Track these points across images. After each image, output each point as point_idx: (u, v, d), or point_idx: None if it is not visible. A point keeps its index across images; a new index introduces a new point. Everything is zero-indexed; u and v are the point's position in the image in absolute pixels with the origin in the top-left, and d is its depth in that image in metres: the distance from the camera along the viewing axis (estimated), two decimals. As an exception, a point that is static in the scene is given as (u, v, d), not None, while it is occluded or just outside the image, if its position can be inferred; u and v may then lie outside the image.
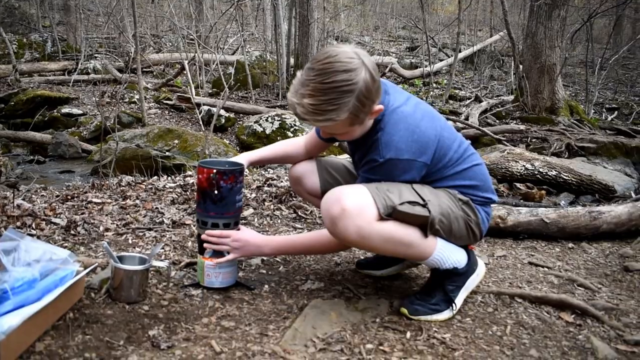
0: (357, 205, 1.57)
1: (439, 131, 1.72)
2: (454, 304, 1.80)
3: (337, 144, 2.63)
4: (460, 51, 12.00)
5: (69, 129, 7.70)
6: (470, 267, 1.84)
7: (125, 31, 10.92)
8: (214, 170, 1.79)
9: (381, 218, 1.59)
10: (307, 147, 2.12)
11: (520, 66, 8.88)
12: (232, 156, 5.87)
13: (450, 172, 1.77)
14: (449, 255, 1.77)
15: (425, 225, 1.65)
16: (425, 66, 11.88)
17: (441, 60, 13.32)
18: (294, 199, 3.04)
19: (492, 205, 1.94)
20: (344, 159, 2.19)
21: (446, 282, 1.81)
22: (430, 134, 1.69)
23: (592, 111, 9.71)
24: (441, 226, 1.68)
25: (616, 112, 10.39)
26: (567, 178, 4.40)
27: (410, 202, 1.62)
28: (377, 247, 1.66)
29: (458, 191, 1.77)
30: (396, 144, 1.63)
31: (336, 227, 1.59)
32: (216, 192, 1.80)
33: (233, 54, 11.58)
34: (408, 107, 1.71)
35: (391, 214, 1.60)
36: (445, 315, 1.79)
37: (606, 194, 4.34)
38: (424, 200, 1.65)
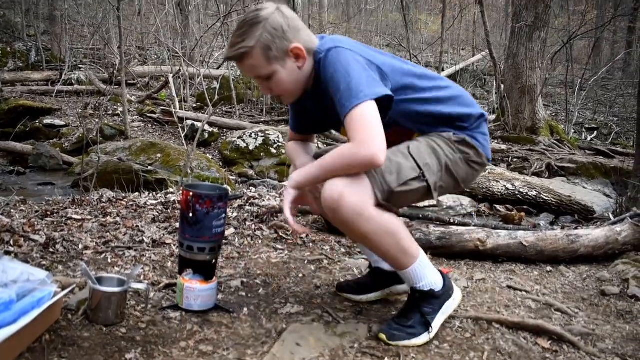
0: (354, 194, 1.61)
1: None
2: (431, 327, 1.80)
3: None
4: (443, 70, 12.14)
5: (51, 140, 7.61)
6: (446, 291, 1.85)
7: (111, 43, 10.89)
8: (191, 193, 1.81)
9: (379, 204, 1.65)
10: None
11: (502, 86, 9.02)
12: (215, 171, 5.92)
13: (434, 95, 1.83)
14: (426, 273, 1.79)
15: (426, 193, 1.75)
16: (409, 84, 11.96)
17: (425, 78, 13.43)
18: (275, 218, 3.04)
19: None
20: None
21: (423, 304, 1.82)
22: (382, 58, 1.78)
23: (572, 131, 9.89)
24: (443, 184, 1.79)
25: (595, 132, 10.58)
26: (547, 198, 4.47)
27: (407, 181, 1.69)
28: (369, 237, 1.69)
29: (453, 131, 1.83)
30: (333, 40, 1.73)
31: (335, 213, 1.63)
32: (191, 215, 1.82)
33: (218, 68, 11.59)
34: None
35: (389, 198, 1.66)
36: (423, 339, 1.79)
37: (585, 215, 4.41)
38: (420, 168, 1.71)
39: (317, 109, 1.91)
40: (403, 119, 1.82)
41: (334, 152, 1.68)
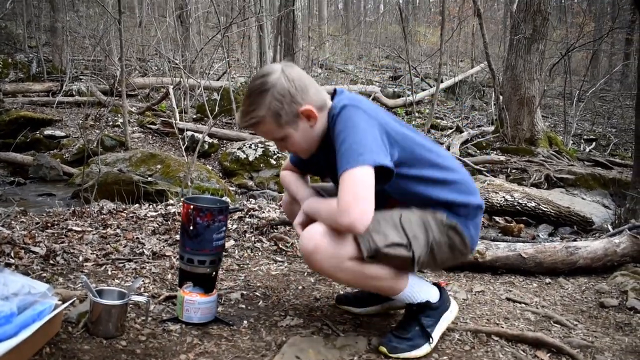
0: (334, 245, 1.62)
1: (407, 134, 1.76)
2: (431, 338, 1.81)
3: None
4: (442, 81, 12.21)
5: (51, 151, 7.64)
6: (443, 303, 1.88)
7: (112, 54, 10.94)
8: (192, 207, 1.83)
9: (361, 258, 1.63)
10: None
11: (501, 97, 9.06)
12: (215, 182, 5.93)
13: (438, 175, 1.77)
14: (419, 290, 1.82)
15: (408, 263, 1.69)
16: (408, 95, 12.05)
17: (423, 90, 13.53)
18: (275, 230, 3.05)
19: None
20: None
21: (421, 316, 1.83)
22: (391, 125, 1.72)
23: (571, 142, 9.91)
24: (424, 260, 1.73)
25: (594, 144, 10.61)
26: (546, 209, 4.47)
27: (394, 245, 1.65)
28: (349, 282, 1.76)
29: (447, 213, 1.77)
30: (349, 97, 1.70)
31: (313, 255, 1.64)
32: (192, 227, 1.83)
33: (218, 79, 11.65)
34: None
35: (374, 255, 1.64)
36: (423, 350, 1.80)
37: (584, 226, 4.41)
38: (408, 238, 1.67)
39: (324, 160, 1.86)
40: (401, 197, 1.78)
41: (330, 203, 1.66)
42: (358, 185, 1.56)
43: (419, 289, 1.82)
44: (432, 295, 1.85)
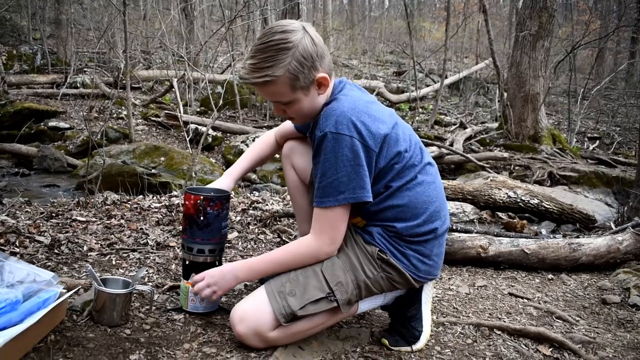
0: (254, 326, 1.63)
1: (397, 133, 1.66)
2: (418, 332, 1.80)
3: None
4: (446, 77, 12.18)
5: (55, 143, 7.66)
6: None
7: (116, 47, 10.94)
8: (201, 197, 1.82)
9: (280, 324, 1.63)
10: (279, 140, 2.08)
11: (505, 94, 9.04)
12: (218, 175, 5.93)
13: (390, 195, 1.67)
14: (375, 300, 1.78)
15: (336, 309, 1.66)
16: (412, 91, 12.02)
17: (427, 86, 13.51)
18: (278, 222, 3.05)
19: (445, 232, 1.79)
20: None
21: (403, 310, 1.82)
22: (382, 125, 1.61)
23: (574, 140, 9.89)
24: (357, 299, 1.69)
25: (598, 142, 10.58)
26: (548, 207, 4.46)
27: (313, 302, 1.62)
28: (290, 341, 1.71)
29: (380, 247, 1.68)
30: (337, 116, 1.56)
31: (243, 342, 1.68)
32: (202, 218, 1.83)
33: (222, 72, 11.65)
34: (366, 98, 1.71)
35: (293, 319, 1.62)
36: (420, 343, 1.80)
37: (587, 224, 4.41)
38: (330, 288, 1.62)
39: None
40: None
41: (290, 248, 1.68)
42: (336, 221, 1.62)
43: (375, 299, 1.78)
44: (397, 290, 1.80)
